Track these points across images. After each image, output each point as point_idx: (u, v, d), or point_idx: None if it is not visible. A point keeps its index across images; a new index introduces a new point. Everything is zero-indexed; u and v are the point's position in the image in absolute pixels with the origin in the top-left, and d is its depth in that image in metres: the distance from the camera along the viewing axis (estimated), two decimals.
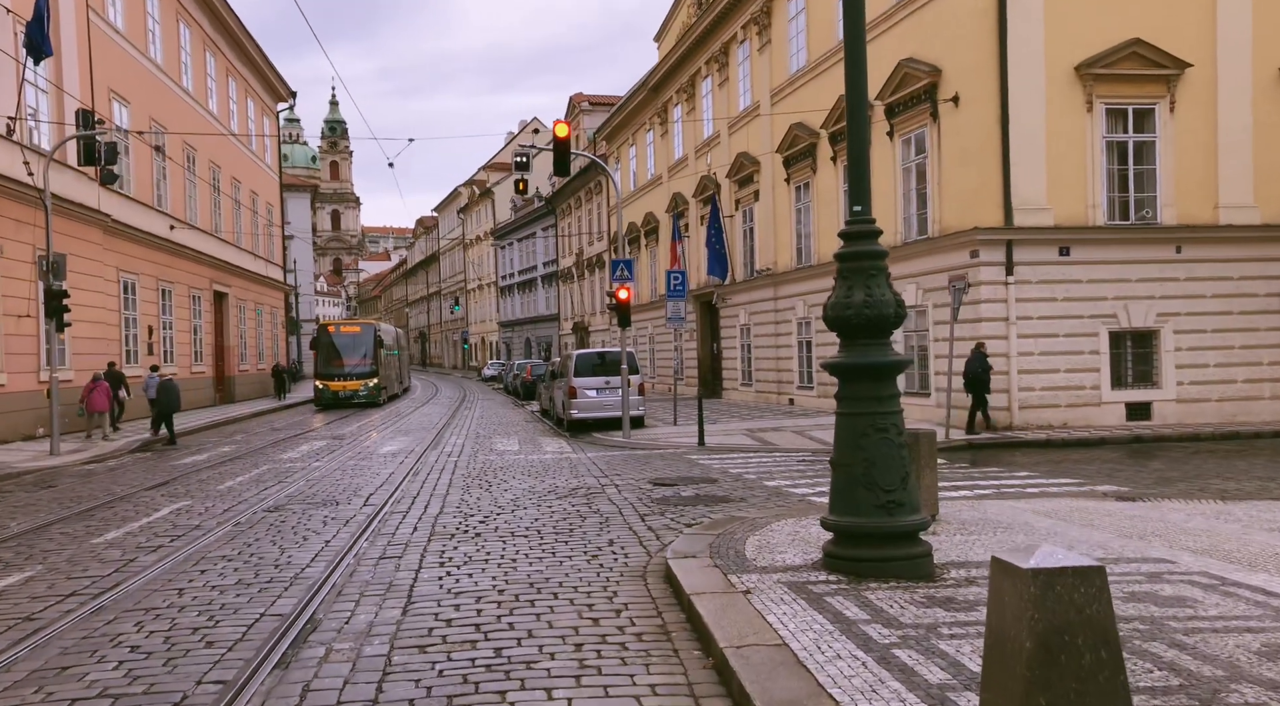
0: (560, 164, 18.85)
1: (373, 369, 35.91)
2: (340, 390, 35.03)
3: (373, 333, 36.95)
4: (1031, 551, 3.01)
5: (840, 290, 6.84)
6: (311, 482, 13.43)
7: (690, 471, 14.08)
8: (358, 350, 35.94)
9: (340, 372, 35.34)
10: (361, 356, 35.89)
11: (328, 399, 34.93)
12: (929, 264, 20.83)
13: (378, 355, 36.29)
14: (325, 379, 35.34)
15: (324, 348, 35.99)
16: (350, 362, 35.67)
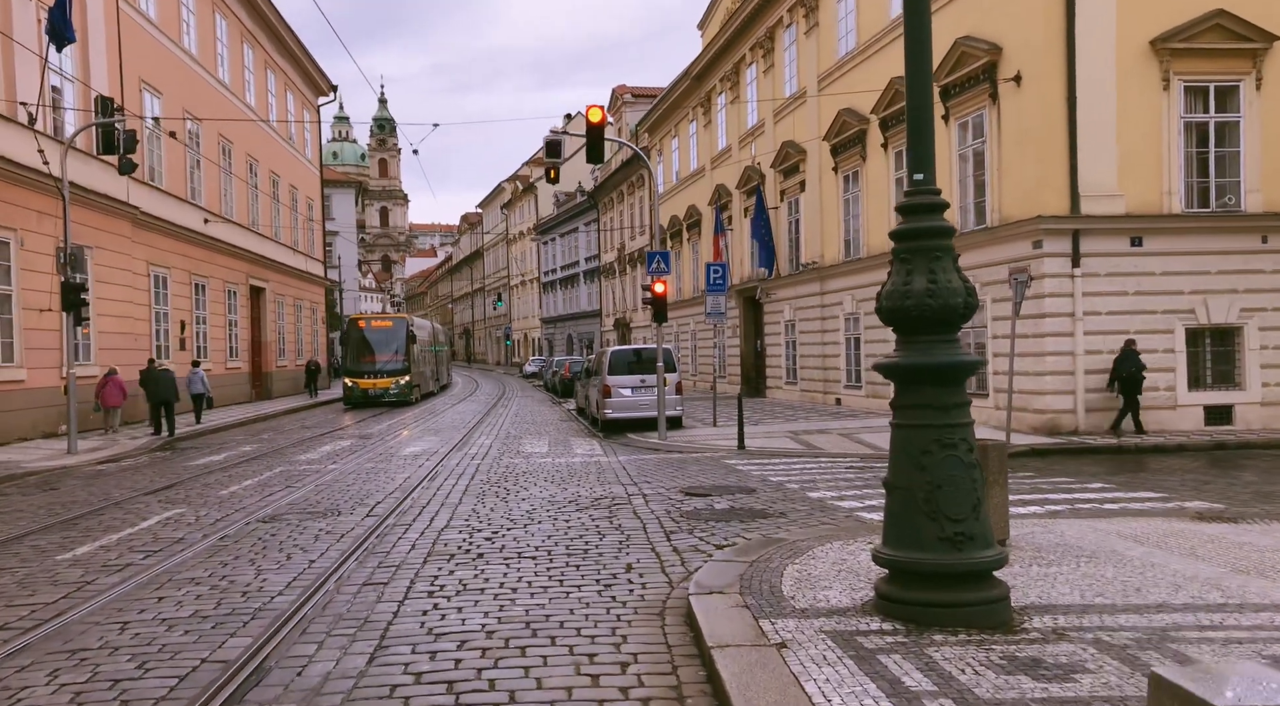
0: (593, 150, 17.78)
1: (405, 366, 34.19)
2: (370, 388, 33.47)
3: (405, 327, 35.10)
4: (1219, 679, 1.86)
5: (897, 276, 5.68)
6: (320, 488, 12.53)
7: (726, 479, 12.96)
8: (389, 346, 34.26)
9: (370, 369, 33.75)
10: (393, 352, 34.19)
11: (356, 397, 33.42)
12: (987, 255, 19.45)
13: (410, 351, 34.58)
14: (354, 376, 33.86)
15: (353, 343, 34.61)
16: (381, 359, 34.03)
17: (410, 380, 34.20)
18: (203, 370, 25.87)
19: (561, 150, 18.87)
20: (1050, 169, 17.66)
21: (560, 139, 18.81)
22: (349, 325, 35.67)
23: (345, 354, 34.45)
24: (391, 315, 37.96)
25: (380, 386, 33.54)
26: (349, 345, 34.47)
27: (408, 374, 34.08)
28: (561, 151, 18.88)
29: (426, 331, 41.20)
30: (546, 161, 19.06)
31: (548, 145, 18.82)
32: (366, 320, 35.64)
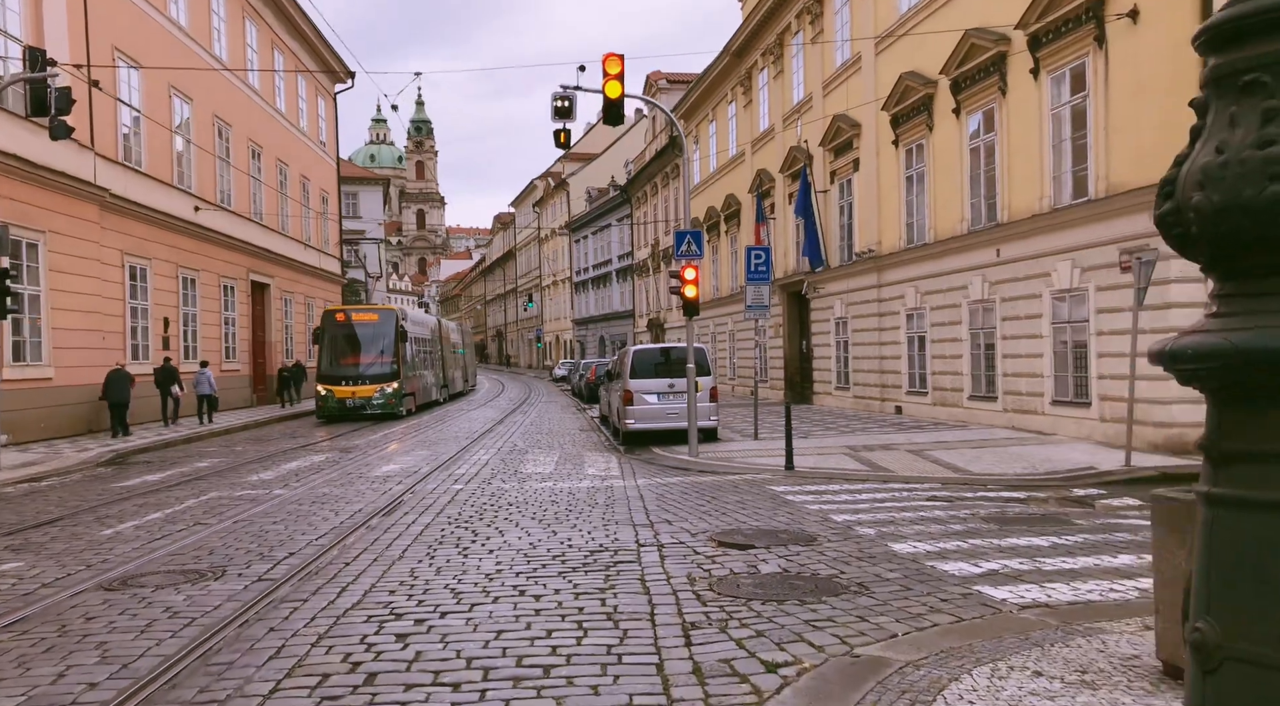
0: (611, 111, 14.72)
1: (392, 369, 27.67)
2: (348, 397, 26.81)
3: (393, 321, 28.48)
4: None
5: (1219, 134, 2.38)
6: (236, 526, 9.44)
7: (774, 517, 9.71)
8: (373, 345, 27.96)
9: (348, 374, 27.26)
10: (378, 353, 27.82)
11: (331, 409, 26.82)
12: (1089, 234, 16.03)
13: (400, 351, 28.12)
14: (329, 382, 27.17)
15: (328, 342, 28.15)
16: (363, 360, 27.75)
17: (399, 387, 27.69)
18: (209, 371, 25.08)
19: (573, 109, 15.75)
20: (1177, 123, 14.14)
21: (571, 95, 15.68)
22: (324, 319, 29.14)
23: (320, 354, 28.20)
24: (377, 307, 31.23)
25: (361, 395, 26.98)
26: (323, 344, 28.23)
27: (396, 379, 27.63)
28: (574, 110, 15.75)
29: (428, 328, 35.08)
30: (556, 124, 15.95)
31: (555, 103, 15.69)
32: (346, 313, 29.15)
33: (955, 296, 20.48)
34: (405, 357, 28.49)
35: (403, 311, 30.08)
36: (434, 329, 35.91)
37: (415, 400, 30.04)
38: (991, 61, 18.66)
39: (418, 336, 31.33)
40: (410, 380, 29.22)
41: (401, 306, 32.18)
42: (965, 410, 20.24)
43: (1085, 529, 8.85)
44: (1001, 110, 18.65)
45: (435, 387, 34.86)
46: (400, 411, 27.63)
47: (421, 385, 31.45)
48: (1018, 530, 8.75)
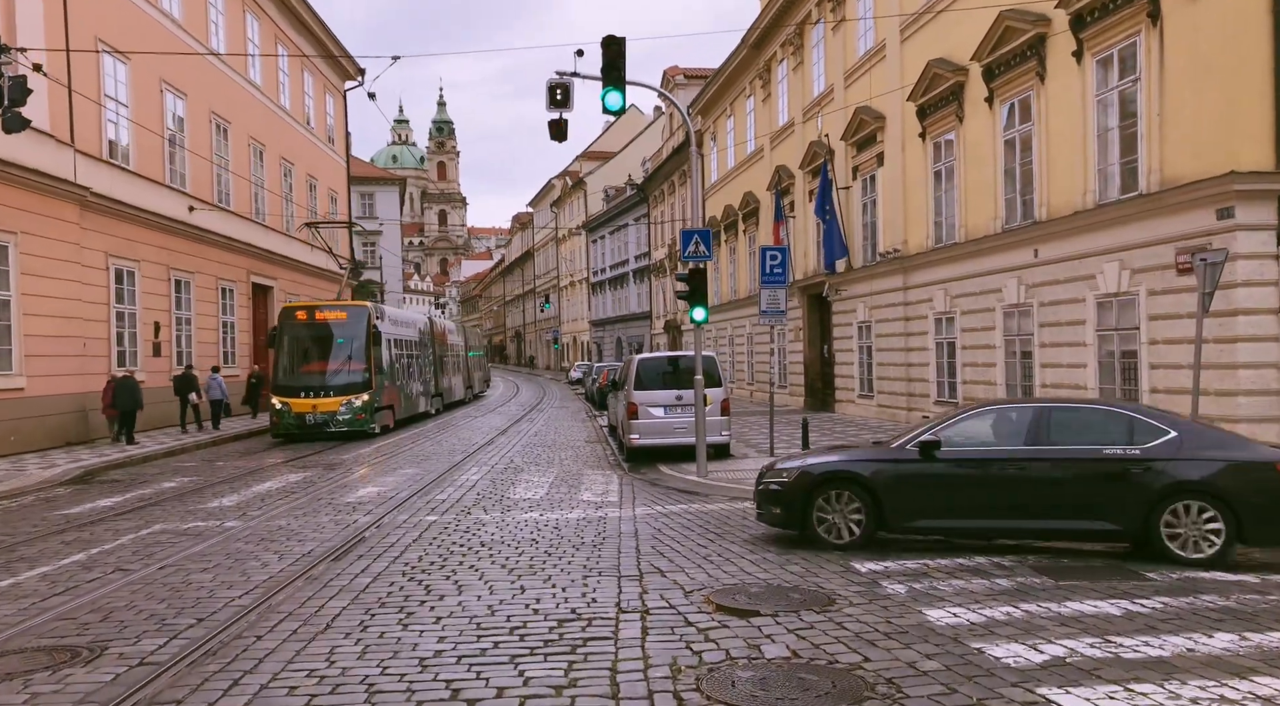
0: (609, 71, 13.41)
1: (363, 378, 23.09)
2: (307, 412, 22.32)
3: (365, 320, 23.68)
4: None
5: None
6: (145, 582, 8.01)
7: (786, 564, 8.29)
8: (339, 348, 23.44)
9: (309, 385, 22.66)
10: (344, 358, 23.26)
11: (288, 426, 22.38)
12: (1139, 233, 14.48)
13: (372, 356, 23.46)
14: (285, 393, 22.65)
15: (285, 345, 23.51)
16: (327, 367, 23.20)
17: (370, 399, 23.13)
18: (220, 377, 24.73)
19: (570, 96, 14.35)
20: (1244, 108, 12.65)
21: (568, 82, 14.30)
22: (281, 318, 24.39)
23: (276, 361, 23.69)
24: (345, 303, 25.67)
25: (323, 409, 22.42)
26: (280, 348, 23.58)
27: (366, 390, 23.04)
28: (571, 98, 14.35)
29: (415, 328, 30.11)
30: (552, 113, 14.55)
31: (550, 90, 14.31)
32: (307, 310, 24.08)
33: (988, 300, 18.95)
34: (381, 363, 24.09)
35: (378, 308, 25.53)
36: (424, 329, 31.38)
37: (395, 413, 25.73)
38: (1029, 45, 17.12)
39: (400, 338, 27.14)
40: (387, 390, 24.78)
41: (377, 303, 26.83)
42: None
43: (1161, 587, 7.37)
44: (1040, 98, 17.11)
45: (424, 397, 30.42)
46: (371, 428, 23.27)
47: (403, 395, 27.00)
48: (1078, 589, 7.27)
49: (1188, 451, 8.33)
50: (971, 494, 8.86)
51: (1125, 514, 8.38)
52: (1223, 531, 8.12)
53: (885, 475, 9.04)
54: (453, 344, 37.29)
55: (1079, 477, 8.54)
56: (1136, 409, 9.28)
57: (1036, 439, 8.84)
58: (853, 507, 9.06)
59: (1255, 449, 8.49)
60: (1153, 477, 8.30)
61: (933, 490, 8.97)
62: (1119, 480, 8.40)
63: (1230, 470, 8.19)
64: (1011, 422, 9.14)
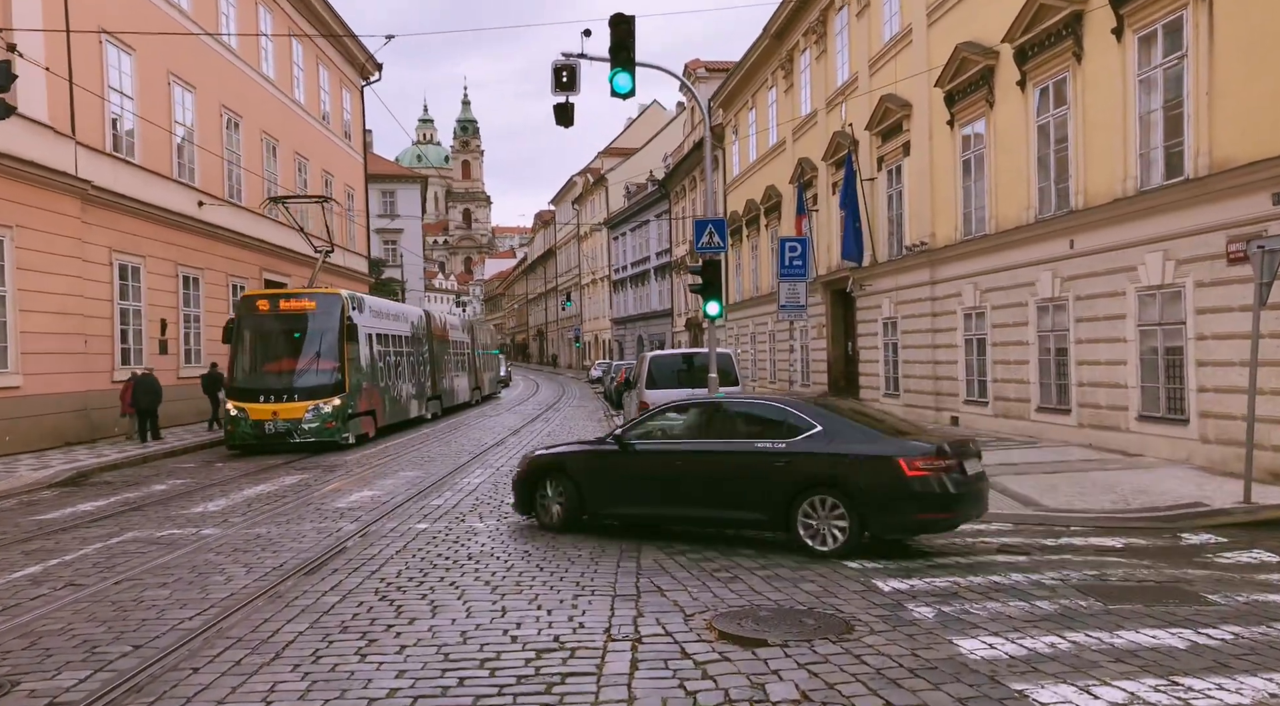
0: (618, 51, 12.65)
1: (334, 379, 19.72)
2: (266, 419, 19.09)
3: (338, 312, 20.26)
4: None
5: None
6: (93, 600, 7.25)
7: (800, 582, 7.49)
8: (306, 344, 20.15)
9: (269, 387, 19.50)
10: (312, 356, 20.04)
11: (244, 435, 19.25)
12: (1185, 220, 13.51)
13: (346, 353, 20.11)
14: (243, 397, 19.46)
15: (245, 340, 20.42)
16: (290, 367, 20.02)
17: (343, 404, 19.79)
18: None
19: (576, 79, 13.58)
20: None
21: (574, 64, 13.53)
22: (240, 308, 21.26)
23: (232, 359, 20.40)
24: (315, 291, 21.42)
25: (286, 416, 19.14)
26: (237, 343, 20.38)
27: (338, 393, 19.70)
28: (576, 81, 13.58)
29: (407, 322, 26.71)
30: (558, 97, 13.79)
31: (556, 72, 13.54)
32: (270, 300, 20.82)
33: (1021, 294, 18.00)
34: (358, 362, 20.78)
35: (354, 298, 21.80)
36: (418, 324, 28.02)
37: (377, 419, 22.38)
38: (1064, 23, 16.16)
39: (385, 333, 23.77)
40: (365, 393, 21.37)
41: (354, 292, 23.41)
42: (1033, 423, 17.75)
43: (1227, 611, 6.49)
44: (1076, 80, 16.14)
45: (418, 400, 26.91)
46: (343, 437, 19.83)
47: (388, 399, 23.57)
48: (1133, 615, 6.41)
49: (825, 446, 8.58)
50: (653, 484, 9.50)
51: (770, 505, 8.71)
52: (848, 524, 8.35)
53: (587, 465, 9.97)
54: (456, 341, 34.29)
55: (735, 470, 8.99)
56: (791, 404, 9.41)
57: (708, 433, 9.47)
58: (559, 493, 9.95)
59: (886, 443, 8.48)
60: (792, 471, 8.62)
61: (624, 480, 9.70)
62: (766, 473, 8.75)
63: (855, 464, 8.38)
64: (692, 418, 9.83)
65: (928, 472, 8.10)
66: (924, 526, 8.54)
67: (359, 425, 20.89)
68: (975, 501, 8.55)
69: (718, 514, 9.19)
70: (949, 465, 8.18)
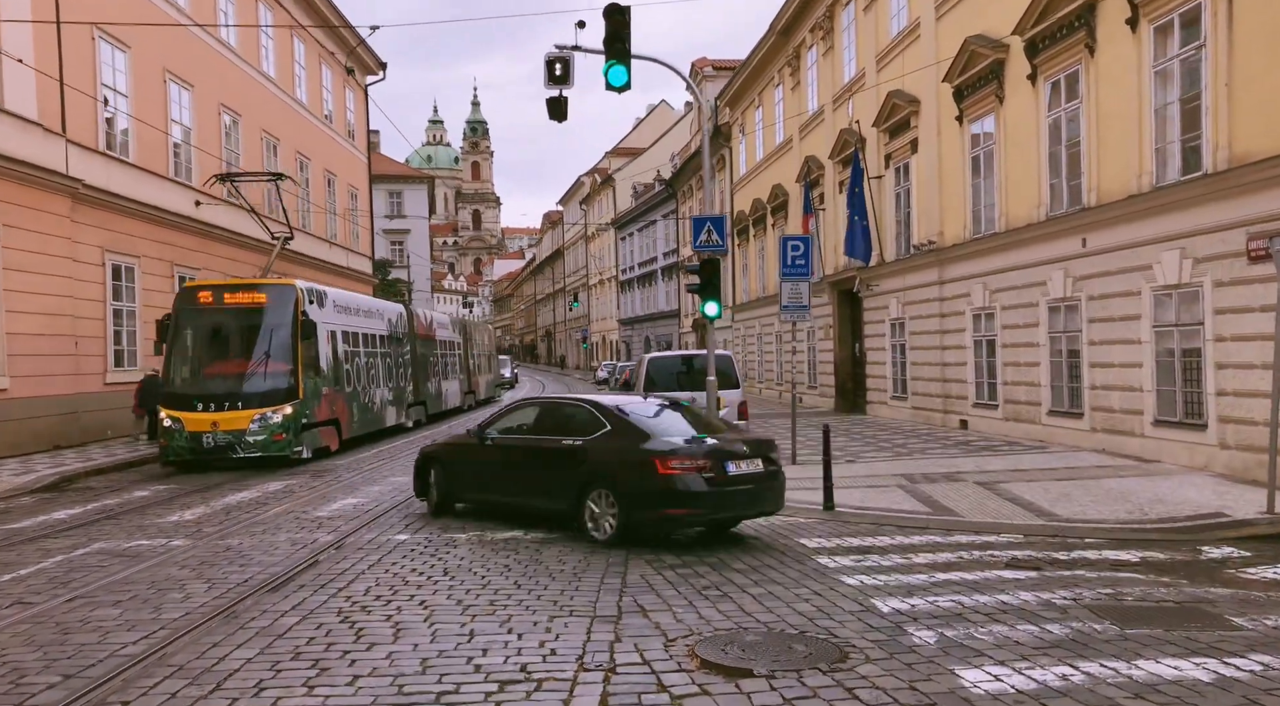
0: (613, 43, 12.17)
1: (286, 383, 17.10)
2: (205, 430, 16.33)
3: (290, 305, 17.58)
4: None
5: None
6: (34, 621, 6.82)
7: (795, 602, 7.00)
8: (254, 344, 17.42)
9: (209, 393, 16.77)
10: (261, 356, 17.29)
11: (180, 448, 16.46)
12: (1203, 217, 12.97)
13: (300, 353, 17.44)
14: (178, 406, 16.70)
15: (182, 337, 17.72)
16: (239, 369, 17.21)
17: (294, 412, 17.06)
18: None
19: (570, 72, 13.12)
20: None
21: (568, 56, 13.08)
22: (178, 301, 18.36)
23: (167, 361, 17.62)
24: (265, 282, 18.90)
25: (228, 427, 16.42)
26: (173, 342, 17.68)
27: (290, 400, 17.04)
28: (571, 74, 13.12)
29: (384, 321, 23.96)
30: (551, 90, 13.33)
31: (549, 65, 13.08)
32: (214, 292, 17.90)
33: (1031, 294, 17.46)
34: (316, 364, 18.07)
35: (313, 290, 18.87)
36: (397, 322, 25.25)
37: (343, 429, 19.71)
38: (1077, 14, 15.63)
39: (354, 331, 21.05)
40: (327, 400, 18.68)
41: (314, 284, 20.04)
42: (1043, 427, 17.21)
43: (1255, 638, 5.97)
44: (1089, 72, 15.61)
45: (396, 407, 24.25)
46: (296, 451, 17.12)
47: (357, 406, 20.85)
48: (1151, 641, 5.90)
49: (607, 444, 9.39)
50: (497, 473, 10.57)
51: (568, 496, 9.55)
52: (616, 515, 9.08)
53: (453, 455, 11.14)
54: (445, 341, 31.62)
55: (548, 464, 9.90)
56: (595, 404, 10.09)
57: (536, 429, 10.41)
58: (436, 481, 11.18)
59: (652, 443, 9.07)
60: (583, 466, 9.47)
61: (477, 469, 10.81)
62: (567, 467, 9.63)
63: (624, 461, 9.09)
64: (529, 414, 10.74)
65: (678, 471, 8.74)
66: (674, 520, 9.09)
67: (316, 437, 18.26)
68: (741, 501, 9.13)
69: (538, 503, 10.11)
70: (700, 465, 8.78)
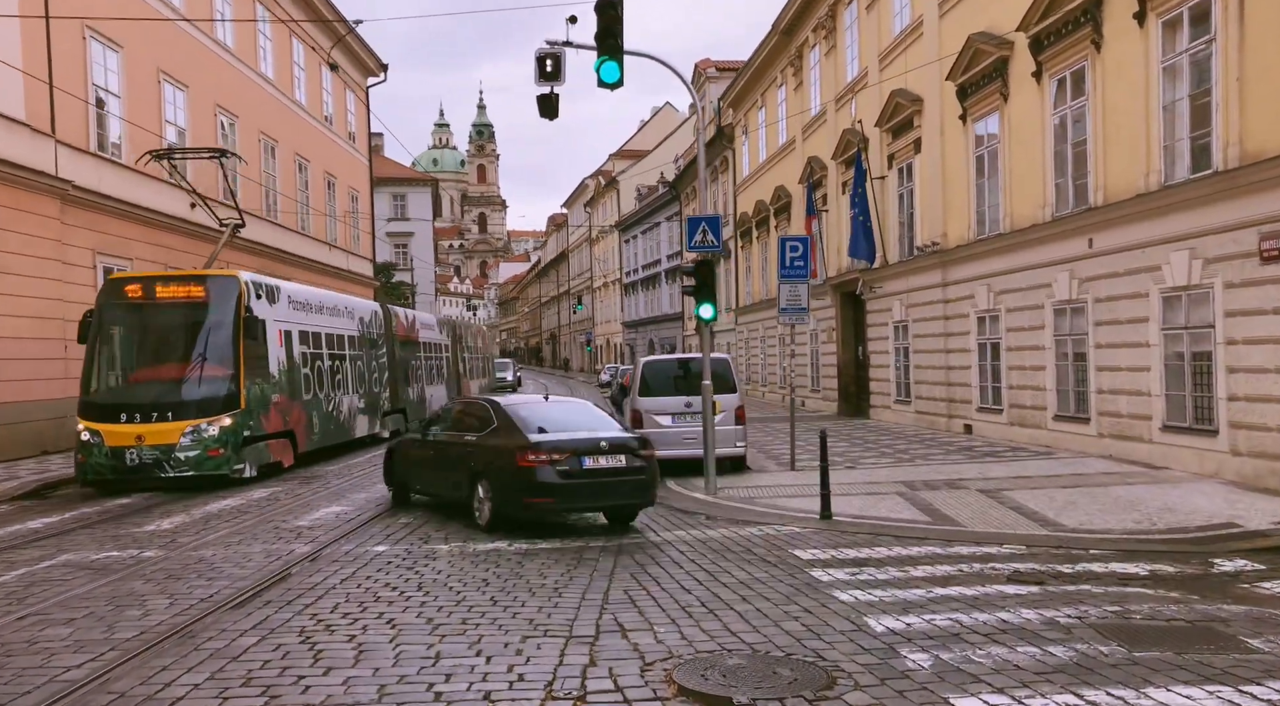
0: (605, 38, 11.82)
1: (226, 391, 14.79)
2: (129, 445, 14.09)
3: (232, 300, 15.17)
4: None
5: None
6: None
7: (784, 620, 6.64)
8: (188, 344, 15.10)
9: (134, 402, 14.59)
10: (197, 358, 14.91)
11: (99, 466, 14.24)
12: (1213, 216, 12.58)
13: (243, 355, 15.08)
14: (97, 416, 14.54)
15: (105, 337, 15.46)
16: (169, 373, 14.97)
17: (235, 424, 14.73)
18: None
19: (561, 68, 12.77)
20: None
21: (559, 52, 12.73)
22: (101, 294, 16.14)
23: (88, 363, 15.43)
24: (204, 273, 16.36)
25: (154, 441, 14.12)
26: (96, 341, 15.45)
27: (229, 410, 14.68)
28: (562, 70, 12.77)
29: (355, 320, 21.70)
30: (542, 87, 12.98)
31: (539, 61, 12.74)
32: (143, 284, 15.60)
33: (1036, 296, 17.06)
34: (264, 368, 15.87)
35: (262, 284, 16.55)
36: (370, 321, 22.88)
37: (298, 442, 17.18)
38: (1083, 9, 15.24)
39: (315, 330, 18.69)
40: (278, 408, 16.34)
41: (264, 277, 17.78)
42: (1049, 432, 16.80)
43: (1272, 662, 5.58)
44: (1095, 69, 15.22)
45: (367, 416, 21.84)
46: (237, 470, 14.70)
47: (317, 416, 18.37)
48: (1162, 665, 5.52)
49: (489, 440, 10.47)
50: (429, 467, 11.65)
51: (463, 487, 10.65)
52: (490, 504, 10.19)
53: (404, 450, 12.24)
54: (430, 343, 29.33)
55: (454, 457, 11.00)
56: (494, 404, 11.13)
57: (454, 426, 11.51)
58: (396, 473, 12.45)
59: (519, 438, 10.00)
60: (473, 459, 10.55)
61: (417, 463, 11.92)
62: (464, 460, 10.74)
63: (496, 455, 10.12)
64: (453, 412, 11.98)
65: (534, 464, 9.61)
66: (533, 508, 9.95)
67: (264, 452, 15.74)
68: (596, 493, 9.95)
69: (447, 492, 11.22)
70: (555, 459, 9.64)
